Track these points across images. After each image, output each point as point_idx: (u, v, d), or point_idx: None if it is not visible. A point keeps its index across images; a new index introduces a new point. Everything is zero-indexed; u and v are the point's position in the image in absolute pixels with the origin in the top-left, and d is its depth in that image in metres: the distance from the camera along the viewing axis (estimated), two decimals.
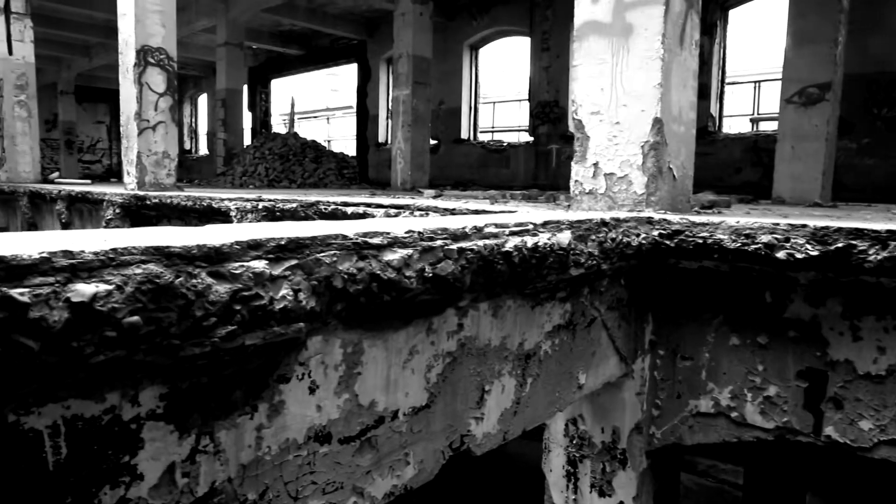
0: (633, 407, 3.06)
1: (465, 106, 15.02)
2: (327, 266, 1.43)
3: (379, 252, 1.56)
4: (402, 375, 1.78)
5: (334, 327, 1.55)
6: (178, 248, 1.17)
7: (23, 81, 10.92)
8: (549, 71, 13.42)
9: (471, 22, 14.70)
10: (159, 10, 7.03)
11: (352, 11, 15.62)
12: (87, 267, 1.06)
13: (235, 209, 4.81)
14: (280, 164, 11.10)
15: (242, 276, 1.25)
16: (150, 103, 6.96)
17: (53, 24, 15.71)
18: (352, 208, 3.93)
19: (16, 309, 0.97)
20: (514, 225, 2.05)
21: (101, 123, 27.54)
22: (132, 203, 6.45)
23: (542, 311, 2.35)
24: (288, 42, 18.09)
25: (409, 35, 9.92)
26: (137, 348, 1.12)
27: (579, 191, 3.25)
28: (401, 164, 9.90)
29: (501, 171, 14.26)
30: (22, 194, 9.73)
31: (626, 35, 3.00)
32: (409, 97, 9.89)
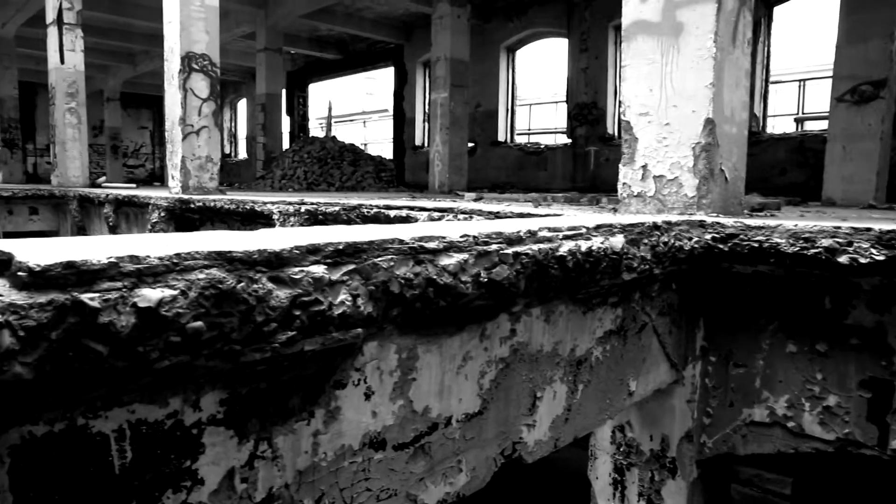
0: (683, 415, 2.98)
1: (501, 108, 14.97)
2: (384, 271, 1.42)
3: (435, 257, 1.54)
4: (456, 381, 1.75)
5: (390, 333, 1.54)
6: (240, 253, 1.17)
7: (73, 89, 11.24)
8: (587, 72, 13.29)
9: (507, 24, 14.65)
10: (203, 18, 7.15)
11: (388, 15, 15.71)
12: (152, 272, 1.06)
13: (278, 212, 4.85)
14: (318, 167, 11.20)
15: (302, 282, 1.24)
16: (194, 108, 7.09)
17: (101, 33, 16.16)
18: (394, 212, 3.93)
19: (86, 314, 0.97)
20: (567, 229, 2.01)
21: (144, 129, 28.24)
22: (176, 206, 6.57)
23: (594, 316, 2.30)
24: (325, 47, 18.28)
25: (447, 38, 9.92)
26: (200, 353, 1.12)
27: (627, 193, 3.19)
28: (438, 167, 9.89)
29: (538, 173, 14.16)
30: (72, 198, 10.01)
31: (676, 34, 2.93)
32: (446, 100, 9.88)
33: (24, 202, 10.68)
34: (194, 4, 7.10)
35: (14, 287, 0.97)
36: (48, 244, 1.18)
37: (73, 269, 0.98)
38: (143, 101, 26.99)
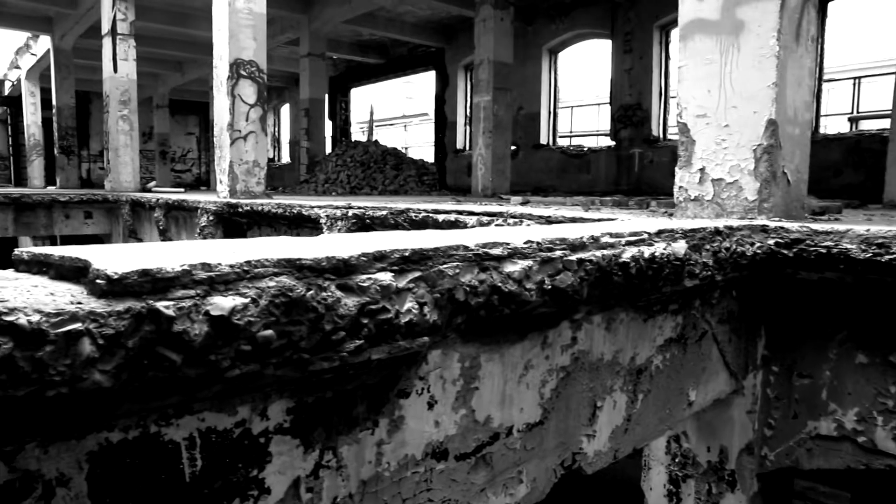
0: (743, 426, 2.88)
1: (544, 111, 14.85)
2: (450, 278, 1.39)
3: (500, 263, 1.50)
4: (517, 390, 1.71)
5: (453, 341, 1.51)
6: (309, 261, 1.15)
7: (126, 97, 11.56)
8: (631, 73, 13.08)
9: (549, 26, 14.52)
10: (251, 25, 7.27)
11: (430, 19, 15.74)
12: (223, 279, 1.05)
13: (325, 216, 4.88)
14: (361, 171, 11.27)
15: (370, 289, 1.22)
16: (242, 114, 7.20)
17: (152, 42, 16.61)
18: (443, 216, 3.91)
19: (161, 322, 0.97)
20: (629, 234, 1.95)
21: (191, 135, 28.93)
22: (224, 211, 6.68)
23: (654, 324, 2.23)
24: (367, 51, 18.42)
25: (490, 41, 9.88)
26: (269, 362, 1.10)
27: (684, 197, 3.10)
28: (481, 170, 9.85)
29: (581, 176, 13.99)
30: (124, 203, 10.29)
31: (737, 32, 2.84)
32: (489, 103, 9.84)
33: (79, 206, 11.02)
34: (242, 12, 7.22)
35: (92, 294, 0.97)
36: (121, 251, 1.19)
37: (148, 277, 0.98)
38: (190, 108, 27.65)
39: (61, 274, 1.12)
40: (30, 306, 0.89)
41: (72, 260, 1.10)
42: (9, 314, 0.86)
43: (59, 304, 0.92)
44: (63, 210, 10.90)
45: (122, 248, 1.24)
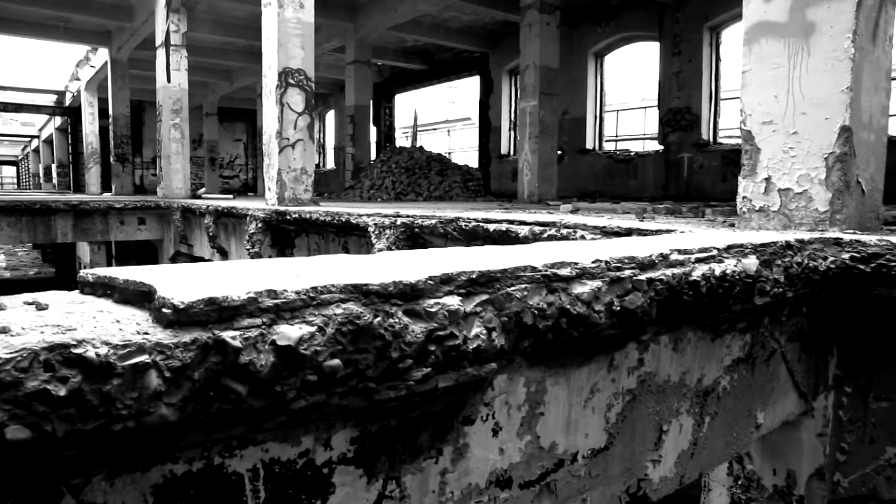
0: (812, 449, 2.73)
1: (589, 115, 14.65)
2: (518, 301, 1.33)
3: (568, 284, 1.43)
4: (583, 415, 1.64)
5: (519, 365, 1.44)
6: (376, 286, 1.11)
7: (178, 106, 11.85)
8: (679, 76, 12.79)
9: (595, 29, 14.33)
10: (299, 34, 7.34)
11: (474, 24, 15.71)
12: (289, 307, 1.02)
13: (374, 225, 4.87)
14: (406, 177, 11.29)
15: (437, 315, 1.17)
16: (290, 122, 7.28)
17: (202, 52, 17.01)
18: (493, 226, 3.84)
19: (228, 353, 0.93)
20: (698, 251, 1.86)
21: (238, 141, 29.53)
22: (273, 218, 6.75)
23: (722, 343, 2.12)
24: (411, 57, 18.50)
25: (536, 46, 9.78)
26: (334, 392, 1.06)
27: (748, 208, 2.97)
28: (527, 176, 9.75)
29: (628, 181, 13.74)
30: (175, 209, 10.53)
31: (807, 35, 2.70)
32: (535, 108, 9.74)
33: (133, 213, 11.33)
34: (291, 22, 7.30)
35: (158, 323, 0.94)
36: (183, 274, 1.16)
37: (214, 306, 0.95)
38: (237, 115, 28.24)
39: (125, 298, 1.10)
40: (97, 337, 0.86)
41: (136, 284, 1.08)
42: (77, 346, 0.83)
43: (126, 335, 0.89)
44: (118, 216, 11.22)
45: (184, 271, 1.22)
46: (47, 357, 0.81)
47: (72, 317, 0.99)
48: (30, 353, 0.80)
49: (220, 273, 1.19)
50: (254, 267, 1.28)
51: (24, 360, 0.80)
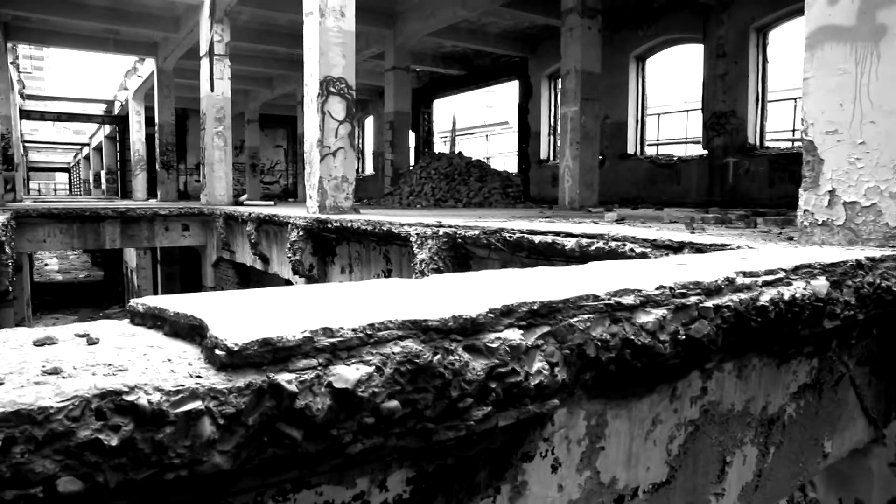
0: (884, 479, 2.58)
1: (631, 119, 14.41)
2: (580, 333, 1.25)
3: (632, 314, 1.35)
4: (644, 448, 1.55)
5: (579, 398, 1.37)
6: (436, 322, 1.05)
7: (221, 115, 12.05)
8: (724, 79, 12.49)
9: (637, 32, 14.10)
10: (340, 43, 7.37)
11: (513, 29, 15.62)
12: (346, 346, 0.96)
13: (415, 235, 4.83)
14: (446, 183, 11.25)
15: (498, 351, 1.11)
16: (331, 130, 7.30)
17: (244, 60, 17.28)
18: (538, 237, 3.76)
19: (283, 398, 0.89)
20: (764, 273, 1.76)
21: (279, 147, 29.96)
22: (314, 226, 6.77)
23: (788, 369, 2.01)
24: (449, 63, 18.50)
25: (577, 50, 9.64)
26: (391, 433, 1.01)
27: (809, 221, 2.83)
28: (569, 182, 9.61)
29: (671, 186, 13.46)
30: (218, 216, 10.69)
31: (877, 39, 2.56)
32: (577, 114, 9.60)
33: (177, 219, 11.55)
34: (332, 31, 7.34)
35: (211, 364, 0.90)
36: (235, 305, 1.12)
37: (268, 347, 0.90)
38: (278, 122, 28.64)
39: (176, 331, 1.07)
40: (150, 382, 0.82)
41: (186, 318, 1.04)
42: (129, 393, 0.79)
43: (178, 378, 0.85)
44: (163, 223, 11.45)
45: (234, 301, 1.18)
46: (99, 405, 0.78)
47: (122, 353, 0.96)
48: (82, 400, 0.77)
49: (270, 304, 1.15)
50: (304, 296, 1.24)
51: (76, 408, 0.76)
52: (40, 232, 10.55)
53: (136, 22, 14.36)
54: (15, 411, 0.72)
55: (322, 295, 1.26)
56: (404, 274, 5.59)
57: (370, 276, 6.13)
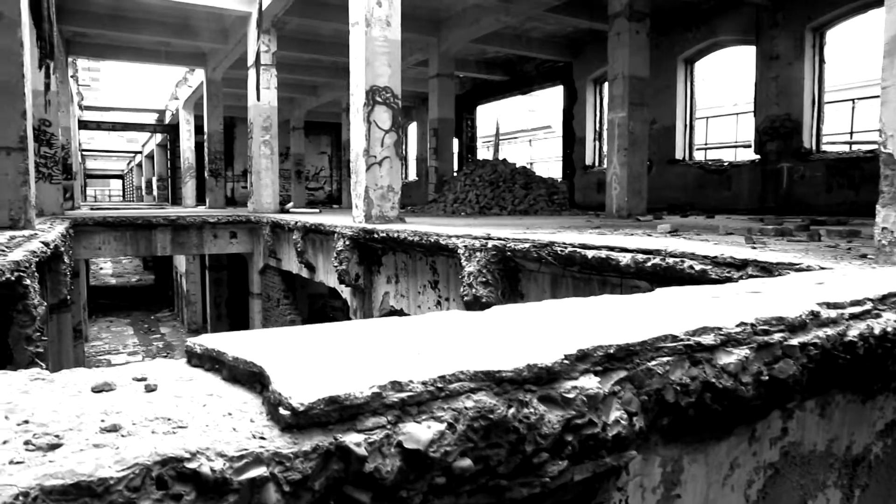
0: None
1: (679, 124, 14.09)
2: (659, 377, 1.16)
3: (712, 355, 1.26)
4: (721, 494, 1.45)
5: (654, 444, 1.28)
6: (510, 372, 0.98)
7: (268, 123, 12.23)
8: (778, 81, 12.09)
9: (685, 34, 13.79)
10: (386, 52, 7.38)
11: (556, 34, 15.47)
12: (416, 401, 0.90)
13: (463, 247, 4.76)
14: (490, 190, 11.17)
15: (575, 401, 1.03)
16: (377, 140, 7.30)
17: (290, 69, 17.55)
18: (592, 252, 3.65)
19: (351, 461, 0.83)
20: (850, 304, 1.63)
21: (323, 154, 30.34)
22: (360, 236, 6.77)
23: (874, 405, 1.87)
24: (493, 69, 18.42)
25: (625, 55, 9.46)
26: (462, 491, 0.94)
27: (888, 240, 2.66)
28: (616, 189, 9.42)
29: (721, 193, 13.09)
30: (265, 224, 10.83)
31: None
32: (624, 119, 9.41)
33: (225, 227, 11.75)
34: (378, 40, 7.35)
35: (274, 423, 0.85)
36: (295, 348, 1.07)
37: (335, 405, 0.84)
38: (322, 129, 29.03)
39: (234, 376, 1.02)
40: (212, 447, 0.77)
41: (245, 364, 1.00)
42: (191, 460, 0.74)
43: (241, 440, 0.80)
44: (212, 230, 11.66)
45: (294, 344, 1.13)
46: (160, 472, 0.73)
47: (181, 404, 0.92)
48: (142, 468, 0.72)
49: (331, 347, 1.10)
50: (364, 335, 1.18)
51: (136, 477, 0.72)
52: (96, 239, 10.86)
53: (186, 34, 14.72)
54: (74, 483, 0.68)
55: (381, 334, 1.20)
56: (451, 285, 5.53)
57: (416, 286, 6.09)
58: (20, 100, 5.64)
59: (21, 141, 5.68)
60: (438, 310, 5.77)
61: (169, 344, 20.83)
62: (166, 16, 13.88)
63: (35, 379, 1.01)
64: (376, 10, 7.31)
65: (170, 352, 19.76)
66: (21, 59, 5.57)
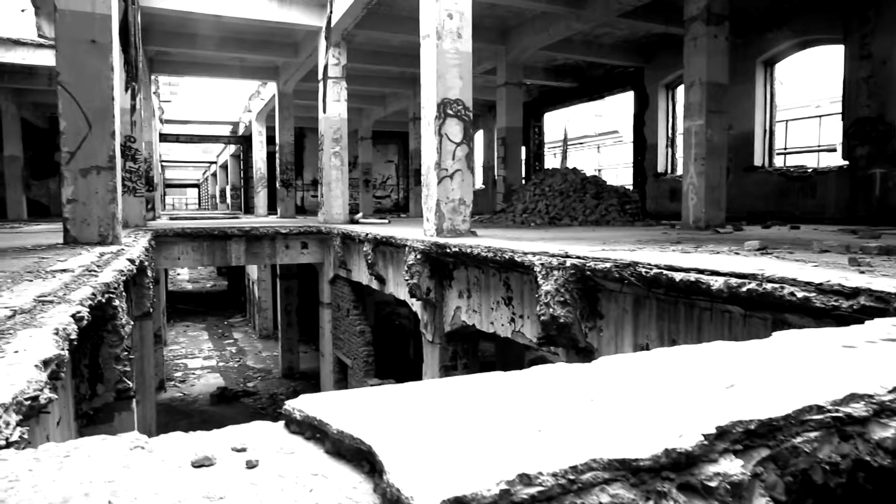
0: None
1: (758, 129, 13.49)
2: (806, 456, 1.03)
3: (864, 428, 1.11)
4: None
5: None
6: (647, 461, 0.87)
7: (338, 135, 12.42)
8: (869, 82, 11.39)
9: (765, 35, 13.20)
10: (457, 64, 7.34)
11: (627, 39, 15.11)
12: (546, 496, 0.80)
13: (540, 265, 4.64)
14: (560, 200, 10.97)
15: (718, 490, 0.91)
16: (448, 153, 7.26)
17: (358, 80, 17.82)
18: (680, 275, 3.46)
19: None
20: None
21: (390, 162, 30.70)
22: (432, 250, 6.73)
23: None
24: (561, 75, 18.18)
25: (702, 61, 9.10)
26: None
27: None
28: (693, 200, 9.06)
29: (804, 201, 12.43)
30: (335, 235, 10.97)
31: None
32: (702, 127, 9.04)
33: (297, 238, 11.99)
34: (449, 53, 7.32)
35: None
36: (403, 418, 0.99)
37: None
38: (389, 137, 29.40)
39: (339, 451, 0.95)
40: None
41: (352, 439, 0.92)
42: None
43: None
44: (284, 241, 11.92)
45: (398, 406, 1.05)
46: None
47: (286, 486, 0.85)
48: None
49: (440, 415, 1.01)
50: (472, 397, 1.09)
51: None
52: (175, 250, 11.27)
53: (259, 49, 15.17)
54: None
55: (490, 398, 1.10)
56: (525, 302, 5.41)
57: (489, 302, 5.99)
58: (110, 121, 5.88)
59: (110, 160, 5.92)
60: (512, 327, 5.65)
61: (241, 349, 21.47)
62: (242, 32, 14.34)
63: (134, 448, 0.97)
64: (447, 22, 7.29)
65: (242, 357, 20.35)
66: (111, 83, 5.81)
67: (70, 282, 3.34)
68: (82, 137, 5.81)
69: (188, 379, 17.70)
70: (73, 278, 3.50)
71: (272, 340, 21.85)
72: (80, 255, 5.09)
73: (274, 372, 18.35)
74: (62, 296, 2.85)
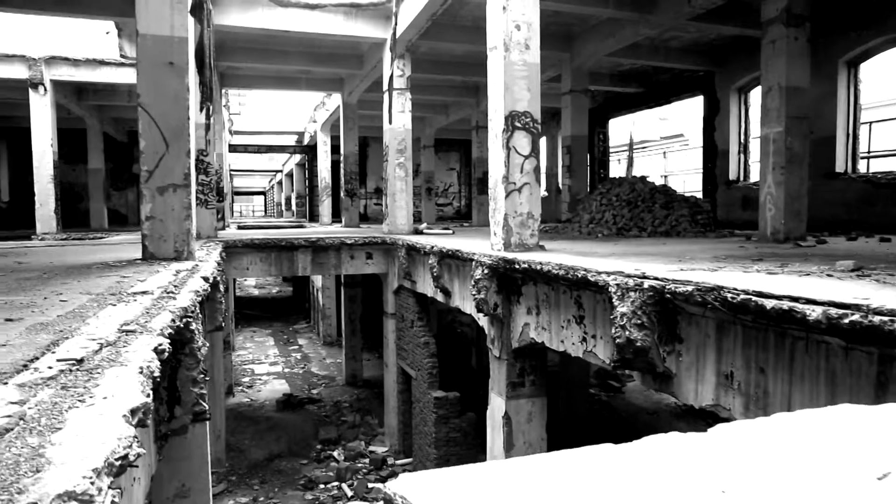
0: None
1: (840, 133, 12.81)
2: None
3: None
4: None
5: None
6: None
7: (402, 146, 12.49)
8: None
9: (848, 34, 12.53)
10: (525, 76, 7.23)
11: (697, 42, 14.63)
12: None
13: (615, 286, 4.47)
14: (628, 210, 10.68)
15: None
16: (517, 166, 7.16)
17: (421, 90, 17.91)
18: (772, 302, 3.25)
19: None
20: None
21: (452, 170, 30.76)
22: (500, 265, 6.64)
23: None
24: (627, 81, 17.79)
25: (781, 64, 8.68)
26: None
27: None
28: (771, 211, 8.64)
29: (893, 209, 11.71)
30: (400, 246, 11.01)
31: None
32: (781, 135, 8.62)
33: (362, 248, 12.10)
34: (517, 65, 7.22)
35: None
36: None
37: None
38: (451, 145, 29.49)
39: None
40: None
41: None
42: None
43: None
44: (349, 251, 12.05)
45: (526, 494, 0.97)
46: None
47: None
48: None
49: None
50: (586, 486, 0.99)
51: None
52: (244, 260, 11.55)
53: (325, 62, 15.45)
54: None
55: (604, 486, 1.01)
56: (598, 322, 5.24)
57: (560, 320, 5.85)
58: (185, 140, 6.05)
59: (185, 178, 6.09)
60: (584, 347, 5.49)
61: (306, 356, 21.86)
62: (309, 46, 14.64)
63: None
64: (515, 33, 7.19)
65: (306, 363, 20.71)
66: (187, 103, 5.98)
67: (150, 306, 3.41)
68: (160, 156, 6.00)
69: (255, 384, 18.13)
70: (153, 301, 3.58)
71: (336, 347, 22.16)
72: (158, 272, 5.23)
73: (338, 379, 18.58)
74: (143, 323, 2.90)
